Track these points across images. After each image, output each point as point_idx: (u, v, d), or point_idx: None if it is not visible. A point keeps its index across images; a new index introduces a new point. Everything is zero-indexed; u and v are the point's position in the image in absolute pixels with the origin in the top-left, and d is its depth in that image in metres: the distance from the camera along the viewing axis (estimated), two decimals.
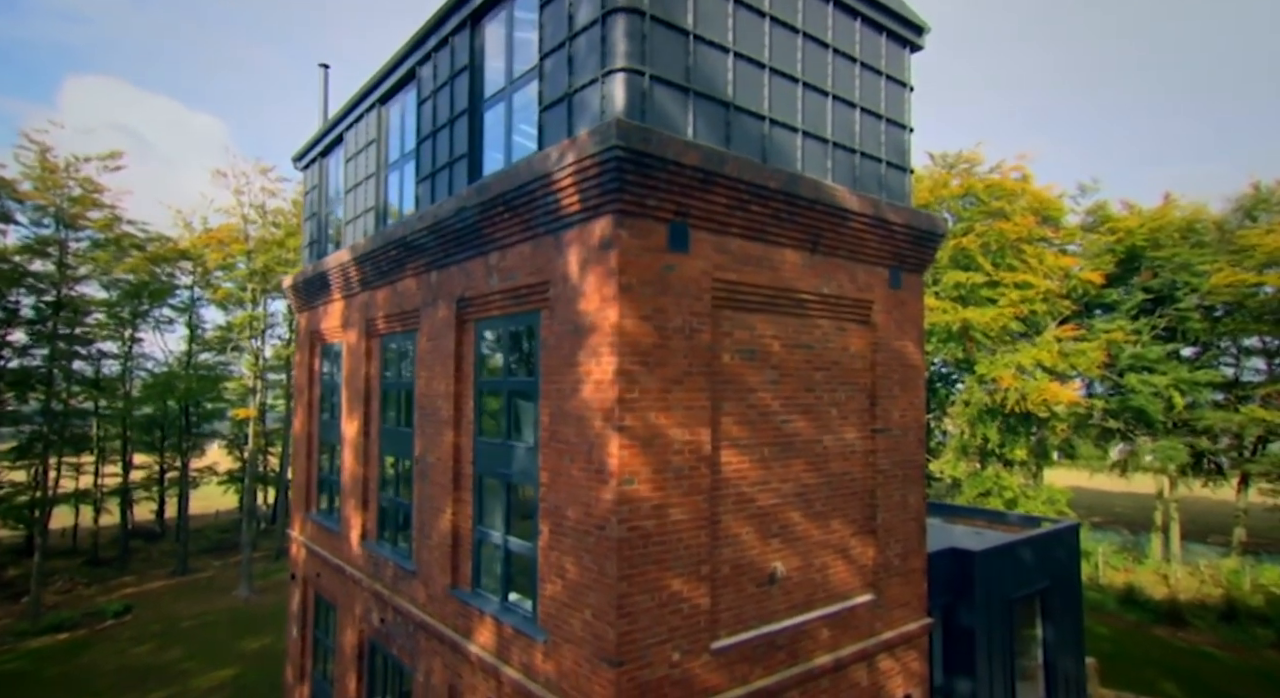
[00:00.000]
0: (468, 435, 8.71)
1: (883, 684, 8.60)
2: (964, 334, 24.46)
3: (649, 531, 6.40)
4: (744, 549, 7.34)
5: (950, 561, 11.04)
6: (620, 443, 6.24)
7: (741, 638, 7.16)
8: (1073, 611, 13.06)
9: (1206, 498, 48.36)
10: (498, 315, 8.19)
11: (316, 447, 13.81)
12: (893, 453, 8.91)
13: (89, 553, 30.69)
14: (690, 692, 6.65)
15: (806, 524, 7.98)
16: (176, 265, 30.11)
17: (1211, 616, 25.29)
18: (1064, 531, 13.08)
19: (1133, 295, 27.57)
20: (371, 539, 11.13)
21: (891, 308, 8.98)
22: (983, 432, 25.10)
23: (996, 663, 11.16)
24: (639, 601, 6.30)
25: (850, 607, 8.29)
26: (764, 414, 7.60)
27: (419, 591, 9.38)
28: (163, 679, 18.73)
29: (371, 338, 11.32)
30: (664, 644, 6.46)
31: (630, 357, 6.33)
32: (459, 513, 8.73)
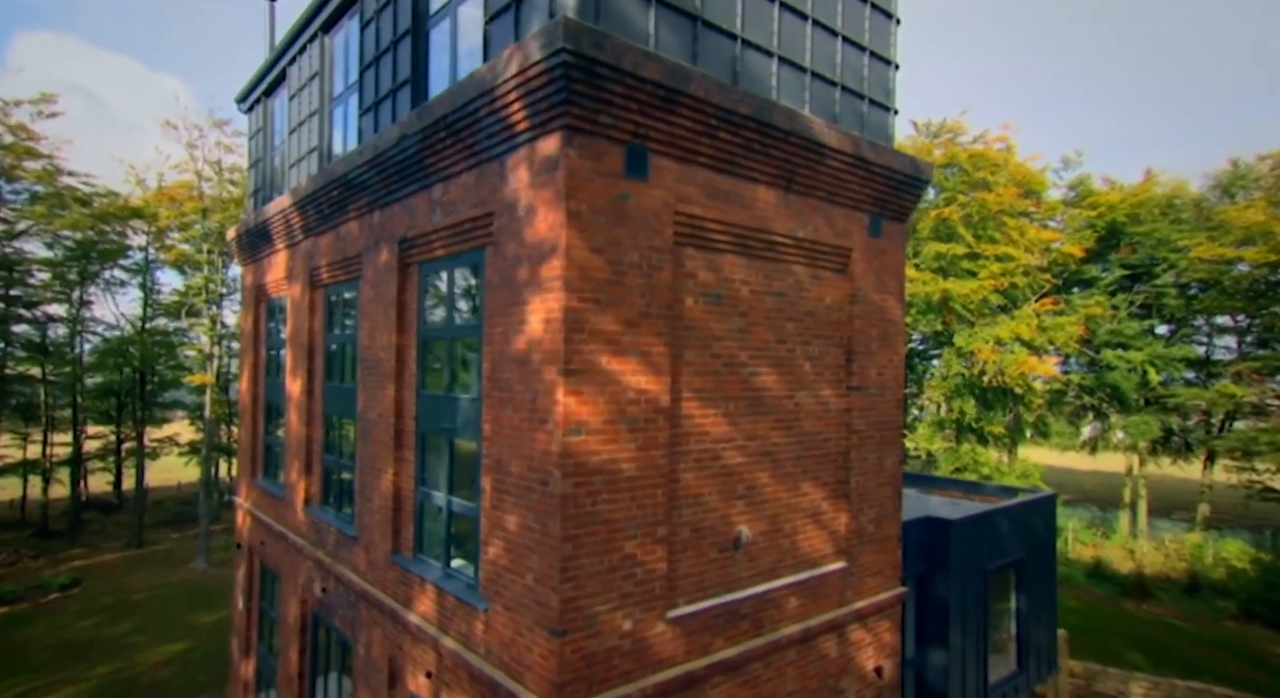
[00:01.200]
0: (410, 389, 7.99)
1: (853, 656, 8.14)
2: (944, 306, 24.06)
3: (598, 487, 5.77)
4: (706, 511, 6.75)
5: (926, 529, 10.60)
6: (566, 389, 5.57)
7: (702, 606, 6.60)
8: (1047, 582, 12.77)
9: (1172, 476, 49.19)
10: (442, 256, 7.44)
11: (263, 409, 12.99)
12: (869, 413, 8.36)
13: (39, 525, 29.53)
14: (643, 664, 6.08)
15: (775, 486, 7.41)
16: (128, 224, 28.57)
17: (1175, 589, 25.59)
18: (1041, 501, 12.75)
19: (1111, 271, 27.37)
20: (315, 505, 10.41)
21: (871, 257, 8.37)
22: (960, 406, 24.86)
23: (970, 635, 10.80)
24: (586, 564, 5.69)
25: (821, 575, 7.77)
26: (730, 365, 6.98)
27: (360, 558, 8.71)
28: (108, 654, 17.93)
29: (315, 289, 10.49)
30: (614, 612, 5.87)
31: (579, 293, 5.64)
32: (401, 473, 8.03)
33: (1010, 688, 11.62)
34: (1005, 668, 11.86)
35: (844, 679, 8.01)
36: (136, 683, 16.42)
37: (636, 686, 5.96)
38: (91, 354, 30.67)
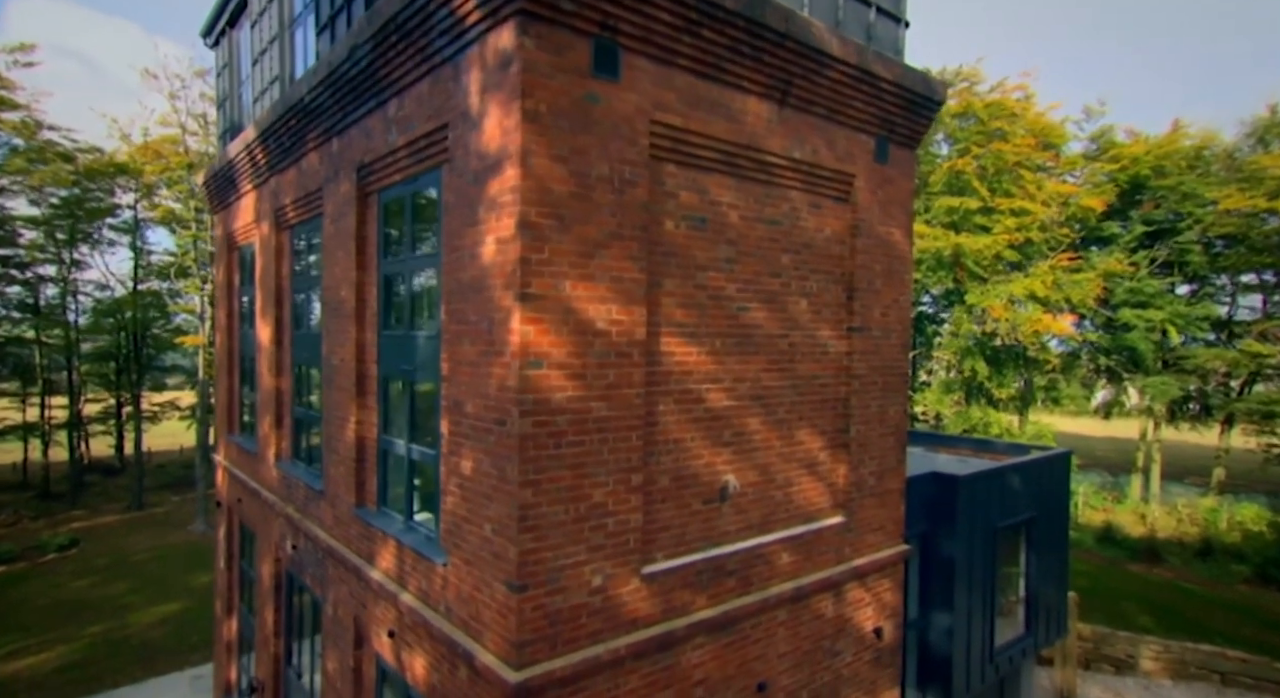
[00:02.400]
0: (372, 331, 7.37)
1: (851, 617, 7.59)
2: (955, 262, 23.12)
3: (562, 427, 5.14)
4: (688, 458, 6.13)
5: (932, 485, 10.00)
6: (523, 316, 4.91)
7: (683, 562, 6.03)
8: (1059, 543, 12.20)
9: (1187, 441, 48.42)
10: (399, 181, 6.73)
11: (238, 363, 12.44)
12: (871, 357, 7.67)
13: (40, 487, 29.51)
14: (615, 622, 5.53)
15: (766, 433, 6.77)
16: (115, 182, 27.83)
17: (1188, 553, 25.06)
18: (1054, 458, 12.10)
19: (1132, 229, 26.21)
20: (286, 460, 9.89)
21: (876, 186, 7.59)
22: (971, 365, 24.06)
23: (977, 596, 10.27)
24: (548, 513, 5.09)
25: (816, 530, 7.18)
26: (716, 298, 6.29)
27: (327, 512, 8.20)
28: (101, 613, 17.80)
29: (282, 231, 9.81)
30: (581, 566, 5.29)
31: (539, 207, 4.95)
32: (363, 421, 7.45)
33: (1017, 651, 11.13)
34: (1013, 630, 11.36)
35: (840, 641, 7.47)
36: (128, 643, 16.27)
37: (607, 646, 5.42)
38: (86, 315, 30.24)
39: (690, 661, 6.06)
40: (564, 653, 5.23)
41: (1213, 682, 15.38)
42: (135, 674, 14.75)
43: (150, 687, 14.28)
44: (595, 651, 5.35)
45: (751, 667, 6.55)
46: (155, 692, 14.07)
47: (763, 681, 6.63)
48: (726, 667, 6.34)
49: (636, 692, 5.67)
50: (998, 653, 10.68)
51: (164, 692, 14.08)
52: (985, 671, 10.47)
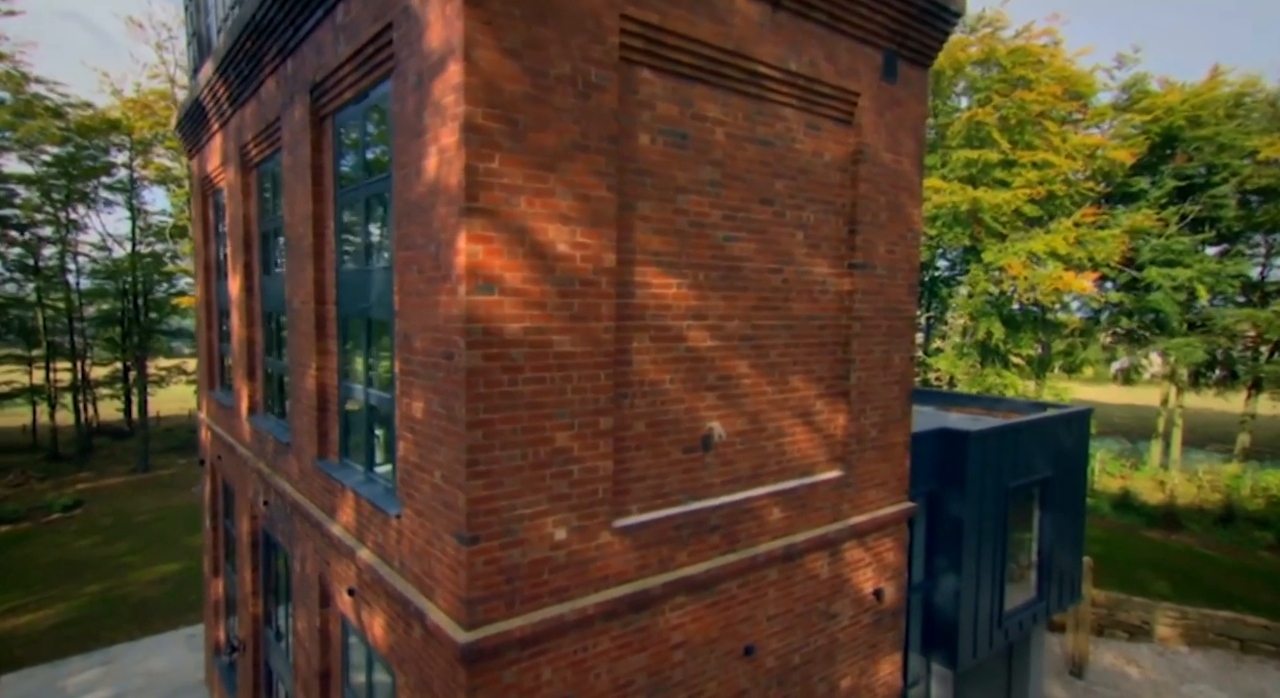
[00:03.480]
0: (330, 269, 6.80)
1: (848, 577, 7.07)
2: (972, 218, 22.10)
3: (517, 362, 4.57)
4: (667, 402, 5.56)
5: (940, 442, 9.39)
6: (470, 234, 4.31)
7: (661, 515, 5.50)
8: (1075, 504, 11.58)
9: (1209, 409, 47.32)
10: (351, 99, 6.09)
11: (216, 315, 11.98)
12: (874, 297, 7.01)
13: (48, 450, 29.67)
14: (583, 579, 5.03)
15: (756, 378, 6.17)
16: (108, 139, 27.26)
17: (1208, 519, 24.37)
18: (1072, 416, 11.42)
19: (1162, 184, 24.92)
20: (259, 413, 9.46)
21: (883, 107, 6.84)
22: (986, 325, 23.19)
23: (986, 558, 9.72)
24: (503, 457, 4.55)
25: (811, 484, 6.62)
26: (699, 225, 5.64)
27: (293, 466, 7.75)
28: (101, 572, 17.78)
29: (247, 172, 9.22)
30: (542, 518, 4.77)
31: (487, 107, 4.31)
32: (324, 367, 6.94)
33: (1028, 616, 10.62)
34: (1024, 594, 10.83)
35: (837, 603, 6.97)
36: (126, 601, 16.22)
37: (573, 605, 4.93)
38: (86, 277, 30.01)
39: (669, 622, 5.57)
40: (523, 612, 4.74)
41: (1231, 649, 14.86)
42: (131, 633, 14.68)
43: (145, 645, 14.19)
44: (560, 610, 4.86)
45: (737, 629, 6.06)
46: (150, 650, 13.99)
47: (750, 644, 6.15)
48: (709, 629, 5.85)
49: (608, 654, 5.20)
50: (1007, 618, 10.17)
51: (159, 650, 13.99)
52: (993, 636, 9.97)
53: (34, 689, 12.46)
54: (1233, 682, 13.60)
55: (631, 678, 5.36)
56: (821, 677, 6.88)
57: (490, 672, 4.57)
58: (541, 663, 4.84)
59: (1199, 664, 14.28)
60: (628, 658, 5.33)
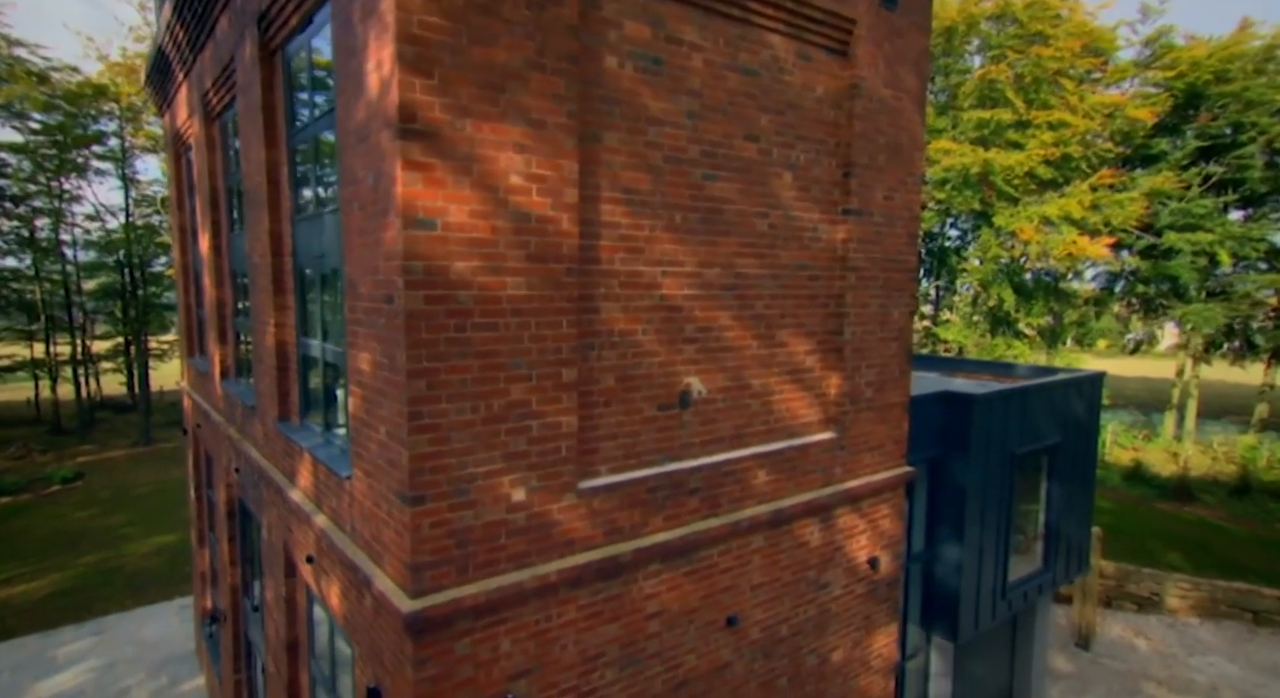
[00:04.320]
0: (286, 218, 6.36)
1: (841, 545, 6.67)
2: (983, 181, 21.30)
3: (465, 306, 4.14)
4: (640, 355, 5.12)
5: (943, 406, 8.93)
6: (408, 160, 3.85)
7: (633, 476, 5.09)
8: (1085, 472, 11.12)
9: (1224, 381, 46.53)
10: (297, 27, 5.59)
11: (191, 278, 11.60)
12: (871, 247, 6.50)
13: (51, 423, 29.71)
14: (545, 545, 4.64)
15: (740, 331, 5.72)
16: (97, 106, 26.72)
17: (1222, 491, 23.86)
18: (1083, 380, 10.90)
19: (1185, 145, 23.92)
20: (230, 378, 9.10)
21: (882, 37, 6.26)
22: (996, 293, 22.51)
23: (990, 527, 9.31)
24: (450, 410, 4.14)
25: (801, 446, 6.19)
26: (675, 161, 5.14)
27: (258, 429, 7.40)
28: (98, 543, 17.71)
29: (210, 121, 8.75)
30: (497, 477, 4.37)
31: (424, 15, 3.81)
32: (282, 323, 6.53)
33: (1033, 587, 10.23)
34: (1029, 565, 10.44)
35: (828, 572, 6.58)
36: (122, 571, 16.14)
37: (534, 572, 4.55)
38: (83, 249, 29.72)
39: (642, 591, 5.19)
40: (478, 579, 4.36)
41: (1244, 620, 14.46)
42: (125, 603, 14.59)
43: (138, 615, 14.09)
44: (519, 576, 4.49)
45: (719, 599, 5.69)
46: (142, 620, 13.89)
47: (733, 614, 5.78)
48: (688, 598, 5.48)
49: (574, 624, 4.83)
50: (1011, 589, 9.79)
51: (151, 620, 13.88)
52: (996, 607, 9.60)
53: (24, 659, 12.38)
54: (1244, 654, 13.22)
55: (602, 650, 5.00)
56: (811, 649, 6.53)
57: (440, 643, 4.21)
58: (499, 633, 4.48)
59: (1209, 636, 13.90)
60: (597, 629, 4.97)
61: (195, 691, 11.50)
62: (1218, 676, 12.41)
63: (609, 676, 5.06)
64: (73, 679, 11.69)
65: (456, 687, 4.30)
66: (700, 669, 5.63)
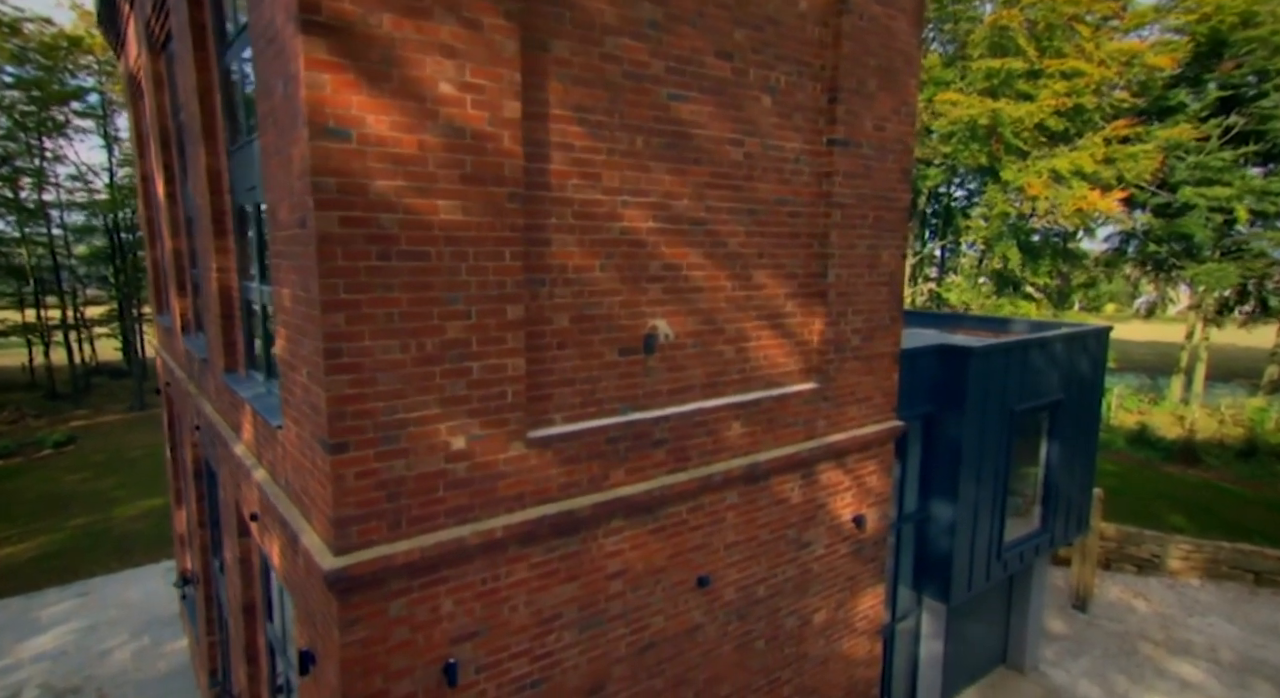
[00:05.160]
0: (222, 151, 5.87)
1: (824, 502, 6.29)
2: (991, 133, 20.48)
3: (390, 231, 3.67)
4: (598, 294, 4.66)
5: (938, 360, 8.48)
6: (313, 57, 3.35)
7: (591, 426, 4.68)
8: (1087, 431, 10.70)
9: (1234, 345, 45.81)
10: None
11: (156, 230, 11.13)
12: (859, 182, 5.97)
13: (46, 388, 29.58)
14: (491, 498, 4.25)
15: (713, 271, 5.24)
16: (74, 59, 25.87)
17: (1229, 454, 23.46)
18: (1087, 334, 10.41)
19: (1205, 96, 22.89)
20: (191, 332, 8.71)
21: None
22: (1002, 251, 21.84)
23: (986, 486, 8.94)
24: (375, 348, 3.71)
25: (780, 397, 5.76)
26: (636, 78, 4.61)
27: (210, 383, 7.02)
28: (87, 507, 17.60)
29: (156, 54, 8.19)
30: (433, 423, 3.96)
31: None
32: (224, 267, 6.09)
33: (1029, 548, 9.91)
34: (1026, 525, 10.10)
35: (810, 531, 6.21)
36: (110, 533, 16.04)
37: (477, 528, 4.16)
38: (69, 211, 29.21)
39: (603, 548, 4.83)
40: (413, 534, 3.98)
41: (1246, 581, 14.19)
42: (111, 566, 14.48)
43: (123, 577, 13.99)
44: (460, 532, 4.11)
45: (689, 558, 5.33)
46: (127, 582, 13.78)
47: (705, 574, 5.42)
48: (654, 557, 5.11)
49: (526, 584, 4.48)
50: (1006, 550, 9.46)
51: (136, 582, 13.77)
52: (991, 569, 9.29)
53: (7, 619, 12.28)
54: (1244, 615, 12.97)
55: (558, 611, 4.65)
56: (791, 611, 6.19)
57: (371, 603, 3.85)
58: (440, 594, 4.12)
59: (1210, 597, 13.64)
60: (553, 588, 4.61)
61: (177, 652, 11.38)
62: (1216, 636, 12.16)
63: (567, 638, 4.73)
64: (54, 641, 11.58)
65: (391, 650, 3.95)
66: (669, 631, 5.30)
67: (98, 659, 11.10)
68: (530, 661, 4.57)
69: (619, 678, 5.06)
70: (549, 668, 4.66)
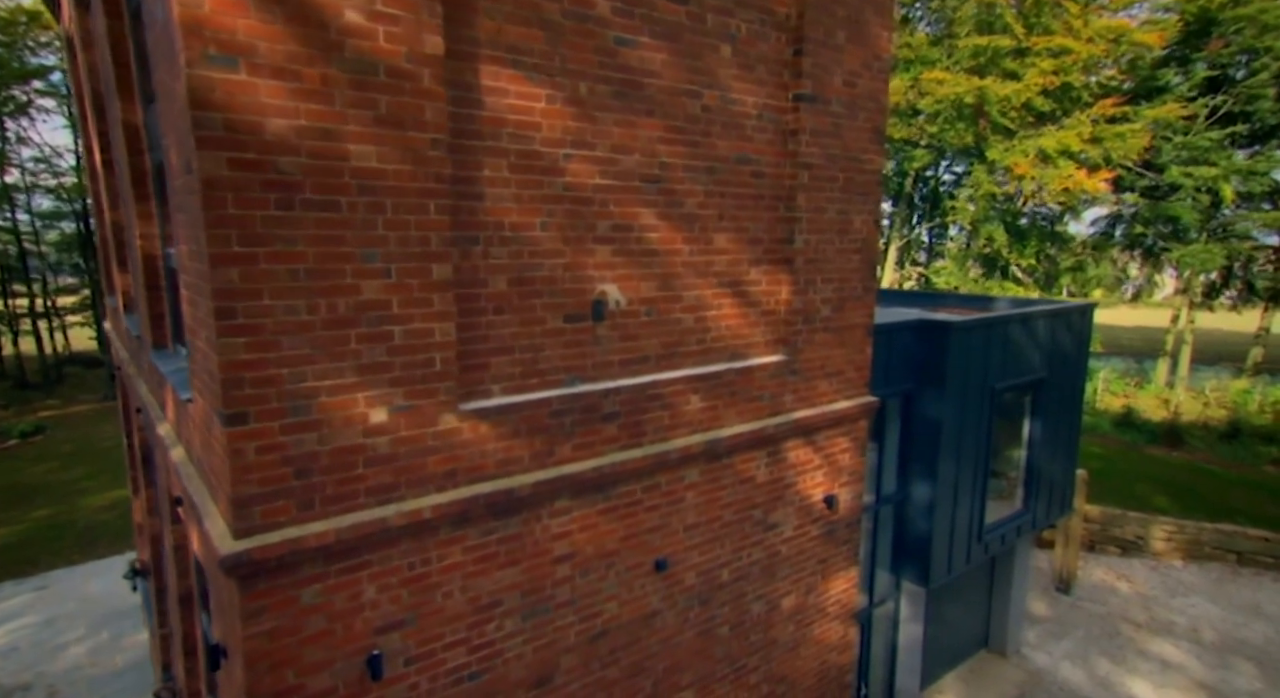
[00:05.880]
0: (138, 105, 5.43)
1: (792, 482, 5.97)
2: (977, 112, 20.14)
3: (290, 176, 3.28)
4: (540, 255, 4.29)
5: (917, 336, 8.17)
6: None
7: (532, 398, 4.32)
8: (1070, 410, 10.45)
9: (1220, 329, 45.97)
10: None
11: (99, 203, 10.62)
12: (828, 141, 5.61)
13: (16, 377, 28.90)
14: (419, 475, 3.89)
15: (668, 232, 4.88)
16: (35, 36, 25.02)
17: (1213, 436, 23.43)
18: (1071, 310, 10.13)
19: (1193, 75, 22.62)
20: (133, 309, 8.25)
21: None
22: (988, 233, 21.57)
23: (967, 466, 8.66)
24: (277, 309, 3.32)
25: (743, 369, 5.42)
26: (580, 19, 4.21)
27: (144, 361, 6.60)
28: (53, 497, 17.11)
29: (83, 10, 7.68)
30: (348, 393, 3.58)
31: None
32: (147, 233, 5.67)
33: (1011, 529, 9.66)
34: (1008, 507, 9.85)
35: (777, 511, 5.89)
36: (74, 525, 15.57)
37: (402, 508, 3.80)
38: (33, 193, 28.38)
39: (548, 530, 4.48)
40: (328, 515, 3.62)
41: (1228, 562, 14.08)
42: (73, 558, 14.04)
43: (85, 570, 13.55)
44: (383, 513, 3.74)
45: (644, 540, 4.99)
46: (89, 575, 13.34)
47: (662, 557, 5.10)
48: (606, 539, 4.78)
49: (461, 568, 4.13)
50: (987, 532, 9.21)
51: (98, 575, 13.34)
52: (971, 551, 9.03)
53: None
54: (1226, 595, 12.85)
55: (498, 598, 4.31)
56: (758, 595, 5.89)
57: (279, 591, 3.49)
58: (362, 579, 3.76)
59: (1193, 578, 13.52)
60: (492, 574, 4.27)
61: (137, 646, 10.99)
62: (1198, 616, 12.03)
63: (509, 626, 4.39)
64: (5, 637, 11.15)
65: (305, 642, 3.60)
66: (623, 618, 4.98)
67: (51, 655, 10.70)
68: (468, 651, 4.23)
69: (569, 668, 4.73)
70: (489, 658, 4.33)
